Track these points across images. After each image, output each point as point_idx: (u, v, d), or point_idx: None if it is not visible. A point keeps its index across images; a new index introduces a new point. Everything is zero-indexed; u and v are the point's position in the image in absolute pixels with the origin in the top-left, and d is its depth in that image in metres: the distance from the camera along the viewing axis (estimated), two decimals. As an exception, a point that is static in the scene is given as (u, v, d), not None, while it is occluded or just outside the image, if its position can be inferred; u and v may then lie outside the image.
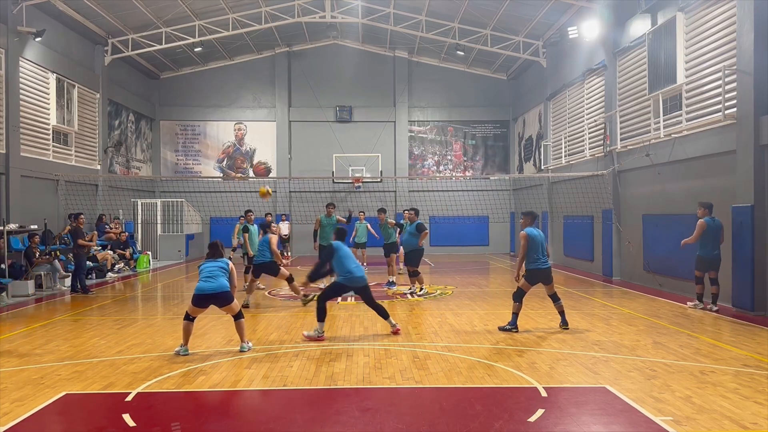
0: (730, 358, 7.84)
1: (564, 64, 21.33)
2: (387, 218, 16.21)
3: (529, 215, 10.08)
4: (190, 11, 21.80)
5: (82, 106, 20.84)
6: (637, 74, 15.95)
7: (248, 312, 11.97)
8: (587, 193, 18.32)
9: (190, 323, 8.34)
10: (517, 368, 7.39)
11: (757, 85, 11.07)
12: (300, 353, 8.29)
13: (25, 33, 17.02)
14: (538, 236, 9.83)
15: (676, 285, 13.86)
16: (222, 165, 28.41)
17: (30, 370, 7.55)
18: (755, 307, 10.94)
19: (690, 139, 13.39)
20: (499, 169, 28.66)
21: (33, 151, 17.93)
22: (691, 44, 13.53)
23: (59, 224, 18.90)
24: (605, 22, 17.37)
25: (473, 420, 5.59)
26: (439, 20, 23.03)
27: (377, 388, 6.67)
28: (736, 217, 11.44)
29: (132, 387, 6.72)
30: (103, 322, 11.00)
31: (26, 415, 5.85)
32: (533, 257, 9.76)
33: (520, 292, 9.81)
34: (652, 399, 6.13)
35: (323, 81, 28.27)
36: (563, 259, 21.58)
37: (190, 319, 8.33)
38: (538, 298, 13.44)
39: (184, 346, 8.29)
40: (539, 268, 9.72)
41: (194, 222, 25.74)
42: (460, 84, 28.61)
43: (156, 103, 28.09)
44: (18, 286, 14.18)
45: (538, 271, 9.73)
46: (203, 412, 6.13)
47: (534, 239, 9.76)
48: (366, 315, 11.43)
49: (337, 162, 26.37)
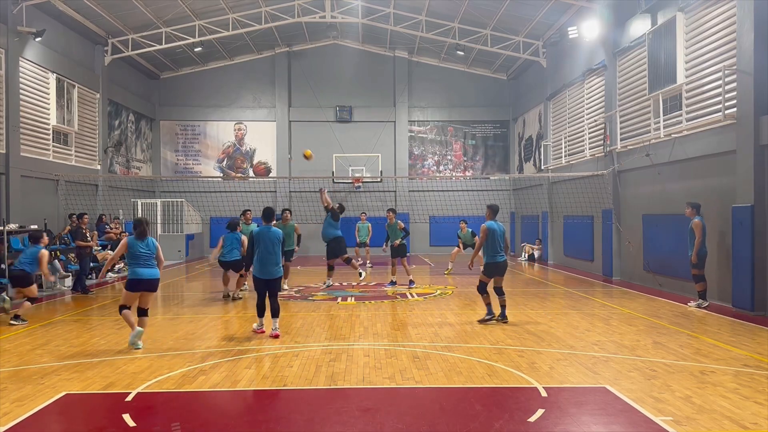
0: (730, 358, 7.84)
1: (564, 64, 21.33)
2: (396, 219, 16.15)
3: (490, 208, 10.42)
4: (190, 11, 21.80)
5: (82, 106, 20.84)
6: (637, 74, 15.95)
7: (249, 311, 11.98)
8: (587, 193, 18.32)
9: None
10: (517, 368, 7.39)
11: (757, 85, 11.07)
12: (300, 353, 8.29)
13: (25, 33, 17.01)
14: (498, 230, 10.20)
15: (676, 285, 13.86)
16: (222, 165, 28.41)
17: (30, 370, 7.55)
18: (755, 307, 10.93)
19: (690, 139, 13.39)
20: (499, 169, 28.66)
21: (33, 151, 17.93)
22: (691, 44, 13.53)
23: (59, 224, 18.90)
24: (605, 22, 17.37)
25: (473, 420, 5.59)
26: (439, 20, 23.03)
27: (377, 388, 6.67)
28: (736, 217, 11.44)
29: (132, 387, 6.72)
30: (103, 322, 11.00)
31: (26, 415, 5.85)
32: (492, 251, 10.15)
33: (482, 285, 10.43)
34: (652, 399, 6.13)
35: (323, 81, 28.27)
36: (563, 259, 21.58)
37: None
38: (538, 299, 13.45)
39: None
40: (496, 261, 10.21)
41: (194, 222, 25.74)
42: (460, 84, 28.61)
43: (156, 103, 28.09)
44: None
45: (495, 265, 10.23)
46: (203, 412, 6.13)
47: (494, 233, 10.11)
48: (366, 315, 11.44)
49: (337, 162, 26.37)
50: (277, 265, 9.38)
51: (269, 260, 9.28)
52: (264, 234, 9.34)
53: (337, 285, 16.13)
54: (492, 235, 10.10)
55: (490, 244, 10.14)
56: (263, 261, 9.27)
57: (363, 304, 12.73)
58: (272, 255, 9.30)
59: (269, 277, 9.33)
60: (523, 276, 18.78)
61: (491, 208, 10.43)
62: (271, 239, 9.31)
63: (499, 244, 10.17)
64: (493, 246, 10.11)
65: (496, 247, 10.12)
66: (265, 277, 9.32)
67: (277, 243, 9.35)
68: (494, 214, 10.39)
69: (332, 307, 12.35)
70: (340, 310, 11.98)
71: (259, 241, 9.29)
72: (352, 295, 14.05)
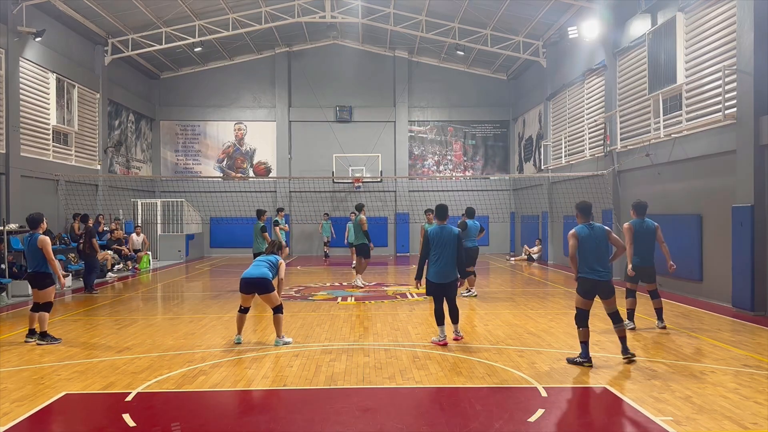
0: (730, 358, 7.84)
1: (564, 64, 21.33)
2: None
3: (580, 209, 7.98)
4: (190, 11, 21.80)
5: (82, 106, 20.84)
6: (637, 74, 15.95)
7: (249, 311, 11.97)
8: (587, 193, 18.28)
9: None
10: (517, 368, 7.39)
11: (757, 85, 11.07)
12: (300, 353, 8.29)
13: (25, 33, 17.01)
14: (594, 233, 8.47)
15: (676, 285, 13.86)
16: (222, 165, 28.41)
17: (30, 370, 7.55)
18: (755, 307, 10.94)
19: (690, 139, 13.39)
20: (499, 169, 28.66)
21: (33, 151, 17.93)
22: (691, 44, 13.53)
23: (59, 224, 18.91)
24: (605, 22, 17.37)
25: (473, 420, 5.59)
26: (439, 20, 23.03)
27: (377, 388, 6.67)
28: (736, 217, 11.44)
29: (132, 387, 6.72)
30: (103, 322, 11.00)
31: (26, 415, 5.85)
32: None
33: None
34: (652, 399, 6.13)
35: (323, 81, 28.26)
36: (563, 260, 21.56)
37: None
38: (538, 298, 13.45)
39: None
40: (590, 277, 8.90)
41: (194, 222, 25.74)
42: (460, 84, 28.60)
43: (156, 103, 28.09)
44: (18, 286, 14.18)
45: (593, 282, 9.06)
46: (203, 412, 6.13)
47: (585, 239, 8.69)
48: (366, 315, 11.44)
49: (337, 162, 26.37)
50: None
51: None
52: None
53: (338, 285, 16.15)
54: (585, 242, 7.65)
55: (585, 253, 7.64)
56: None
57: (363, 304, 12.73)
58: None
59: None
60: (523, 276, 18.78)
61: (581, 209, 7.88)
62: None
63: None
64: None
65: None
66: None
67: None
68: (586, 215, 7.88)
69: (332, 307, 12.35)
70: (340, 310, 11.98)
71: None
72: (352, 295, 14.05)
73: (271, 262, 9.11)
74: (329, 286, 15.97)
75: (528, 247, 24.32)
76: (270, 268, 9.02)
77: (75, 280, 16.78)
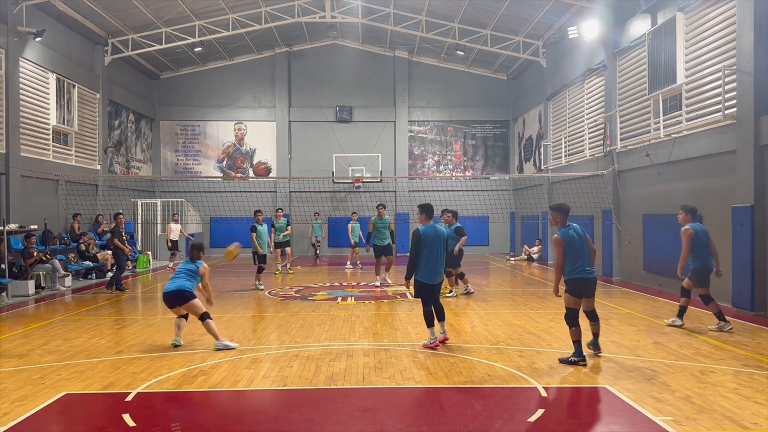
0: (730, 358, 7.84)
1: (564, 64, 21.33)
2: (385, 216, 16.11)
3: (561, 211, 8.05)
4: (190, 11, 21.79)
5: (82, 106, 20.83)
6: (637, 74, 15.95)
7: (249, 311, 11.99)
8: (587, 193, 18.31)
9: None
10: (517, 368, 7.39)
11: (757, 85, 11.07)
12: (300, 353, 8.29)
13: (25, 33, 17.01)
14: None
15: (676, 285, 13.83)
16: (222, 165, 28.40)
17: (30, 370, 7.55)
18: (755, 307, 10.94)
19: (690, 139, 13.39)
20: (499, 169, 28.66)
21: (33, 151, 17.92)
22: (691, 44, 13.52)
23: (59, 224, 18.90)
24: (605, 22, 17.36)
25: (473, 420, 5.59)
26: (439, 20, 23.02)
27: (377, 388, 6.67)
28: (736, 217, 11.44)
29: (132, 387, 6.72)
30: (103, 322, 11.00)
31: (26, 415, 5.85)
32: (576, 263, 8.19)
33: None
34: (652, 399, 6.13)
35: (323, 81, 28.26)
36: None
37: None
38: (537, 298, 13.45)
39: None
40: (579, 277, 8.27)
41: (194, 222, 25.73)
42: (460, 84, 28.59)
43: (156, 103, 28.08)
44: (18, 286, 14.19)
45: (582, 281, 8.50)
46: (203, 412, 6.13)
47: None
48: (366, 315, 11.44)
49: (337, 162, 26.37)
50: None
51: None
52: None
53: (338, 285, 16.15)
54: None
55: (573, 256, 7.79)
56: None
57: (363, 304, 12.73)
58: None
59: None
60: (523, 276, 18.78)
61: (564, 211, 7.92)
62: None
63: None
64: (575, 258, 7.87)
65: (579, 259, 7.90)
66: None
67: None
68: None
69: (332, 307, 12.34)
70: (340, 310, 11.97)
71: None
72: (352, 295, 14.05)
73: (191, 271, 8.77)
74: (329, 286, 15.97)
75: (528, 247, 24.31)
76: (188, 277, 8.70)
77: (75, 280, 16.80)
